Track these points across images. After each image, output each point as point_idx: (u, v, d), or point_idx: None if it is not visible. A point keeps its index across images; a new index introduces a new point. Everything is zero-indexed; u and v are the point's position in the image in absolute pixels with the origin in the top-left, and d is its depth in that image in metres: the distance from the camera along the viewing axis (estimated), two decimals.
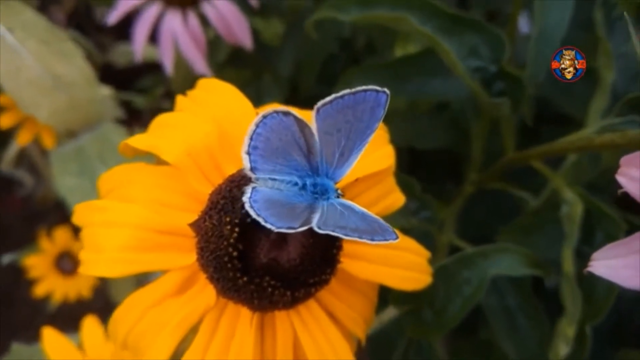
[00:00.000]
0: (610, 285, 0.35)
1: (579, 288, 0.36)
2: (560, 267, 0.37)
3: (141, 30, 0.53)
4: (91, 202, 0.24)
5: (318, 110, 0.23)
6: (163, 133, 0.24)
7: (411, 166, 0.61)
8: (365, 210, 0.23)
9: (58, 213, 0.84)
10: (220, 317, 0.23)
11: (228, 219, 0.22)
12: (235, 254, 0.22)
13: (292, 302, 0.23)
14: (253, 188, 0.22)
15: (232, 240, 0.21)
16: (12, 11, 0.55)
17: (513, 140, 0.45)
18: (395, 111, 0.60)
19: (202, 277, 0.23)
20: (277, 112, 0.23)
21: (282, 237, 0.22)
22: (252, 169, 0.23)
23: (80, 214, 0.24)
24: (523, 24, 0.58)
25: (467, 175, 0.53)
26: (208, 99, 0.26)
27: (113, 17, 0.54)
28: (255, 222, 0.21)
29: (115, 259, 0.22)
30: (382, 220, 0.22)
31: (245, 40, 0.54)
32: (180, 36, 0.53)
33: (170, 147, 0.23)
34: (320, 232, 0.21)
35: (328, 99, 0.23)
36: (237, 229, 0.22)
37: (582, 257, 0.38)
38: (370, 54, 0.65)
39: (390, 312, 0.38)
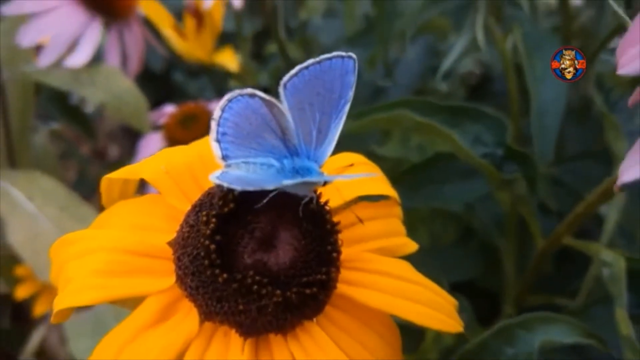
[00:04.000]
0: None
1: None
2: (618, 332, 0.32)
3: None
4: (65, 236, 0.22)
5: (285, 85, 0.22)
6: (144, 161, 0.23)
7: None
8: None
9: None
10: (207, 347, 0.20)
11: (204, 213, 0.20)
12: (212, 247, 0.19)
13: (284, 308, 0.19)
14: (223, 171, 0.20)
15: (208, 232, 0.19)
16: (33, 180, 0.58)
17: (538, 227, 0.42)
18: (419, 248, 0.59)
19: (185, 303, 0.20)
20: (242, 94, 0.22)
21: (269, 237, 0.20)
22: (224, 157, 0.21)
23: (55, 254, 0.22)
24: None
25: (505, 296, 0.50)
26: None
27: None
28: (235, 217, 0.19)
29: (86, 285, 0.20)
30: None
31: None
32: None
33: (148, 167, 0.22)
34: (289, 182, 0.19)
35: (293, 71, 0.22)
36: (214, 220, 0.19)
37: (636, 322, 0.33)
38: None
39: None
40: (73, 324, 0.57)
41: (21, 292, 0.58)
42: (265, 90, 0.22)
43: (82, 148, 1.03)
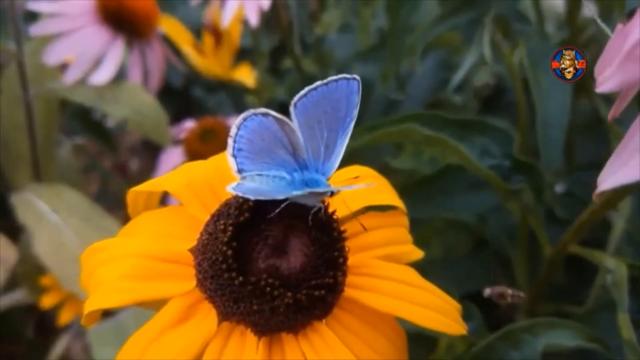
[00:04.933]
0: None
1: None
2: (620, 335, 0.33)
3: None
4: (94, 244, 0.24)
5: (295, 104, 0.24)
6: (166, 175, 0.25)
7: None
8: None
9: None
10: (225, 346, 0.22)
11: (222, 222, 0.22)
12: (229, 252, 0.21)
13: (295, 309, 0.21)
14: (238, 183, 0.22)
15: (225, 239, 0.21)
16: (57, 193, 0.60)
17: (545, 236, 0.43)
18: (432, 260, 0.60)
19: (204, 305, 0.22)
20: (255, 113, 0.24)
21: (281, 244, 0.22)
22: (240, 170, 0.23)
23: (85, 260, 0.24)
24: None
25: (517, 305, 0.51)
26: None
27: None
28: (250, 226, 0.21)
29: (115, 288, 0.22)
30: None
31: None
32: None
33: (171, 181, 0.24)
34: (298, 193, 0.21)
35: (302, 92, 0.24)
36: (230, 228, 0.21)
37: (638, 327, 0.34)
38: None
39: None
40: (96, 332, 0.59)
41: (46, 301, 0.60)
42: (282, 105, 0.24)
43: (104, 162, 1.06)
